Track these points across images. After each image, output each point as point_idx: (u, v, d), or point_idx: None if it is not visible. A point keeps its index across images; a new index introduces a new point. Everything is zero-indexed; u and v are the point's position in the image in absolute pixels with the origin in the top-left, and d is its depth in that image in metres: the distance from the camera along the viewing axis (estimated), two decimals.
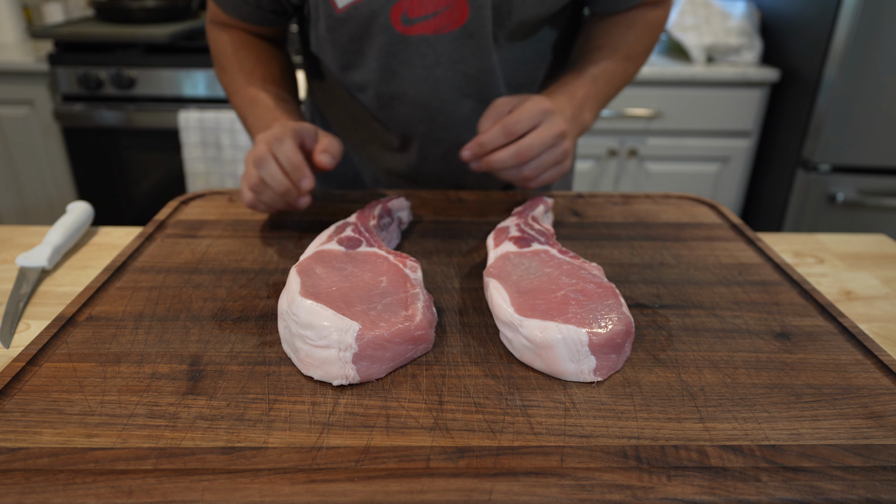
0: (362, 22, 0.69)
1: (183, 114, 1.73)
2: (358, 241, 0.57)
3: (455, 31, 0.69)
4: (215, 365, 0.47)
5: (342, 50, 0.74)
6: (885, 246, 0.76)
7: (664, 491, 0.37)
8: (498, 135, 0.63)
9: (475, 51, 0.72)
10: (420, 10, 0.68)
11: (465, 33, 0.70)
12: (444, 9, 0.68)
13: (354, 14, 0.69)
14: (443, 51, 0.71)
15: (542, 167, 0.65)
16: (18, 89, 1.82)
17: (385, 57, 0.72)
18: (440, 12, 0.68)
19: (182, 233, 0.69)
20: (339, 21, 0.70)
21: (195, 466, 0.38)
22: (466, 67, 0.73)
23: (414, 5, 0.67)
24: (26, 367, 0.46)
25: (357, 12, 0.68)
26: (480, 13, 0.68)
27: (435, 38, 0.70)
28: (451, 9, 0.68)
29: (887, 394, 0.46)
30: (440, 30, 0.69)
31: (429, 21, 0.69)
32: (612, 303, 0.49)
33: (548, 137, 0.63)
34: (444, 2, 0.67)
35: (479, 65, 0.73)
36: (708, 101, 1.83)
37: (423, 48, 0.71)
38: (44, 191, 1.96)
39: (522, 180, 0.66)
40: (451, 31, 0.69)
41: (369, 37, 0.71)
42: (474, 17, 0.68)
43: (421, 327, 0.47)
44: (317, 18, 0.73)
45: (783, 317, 0.55)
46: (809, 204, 1.75)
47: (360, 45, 0.72)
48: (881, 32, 1.54)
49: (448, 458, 0.39)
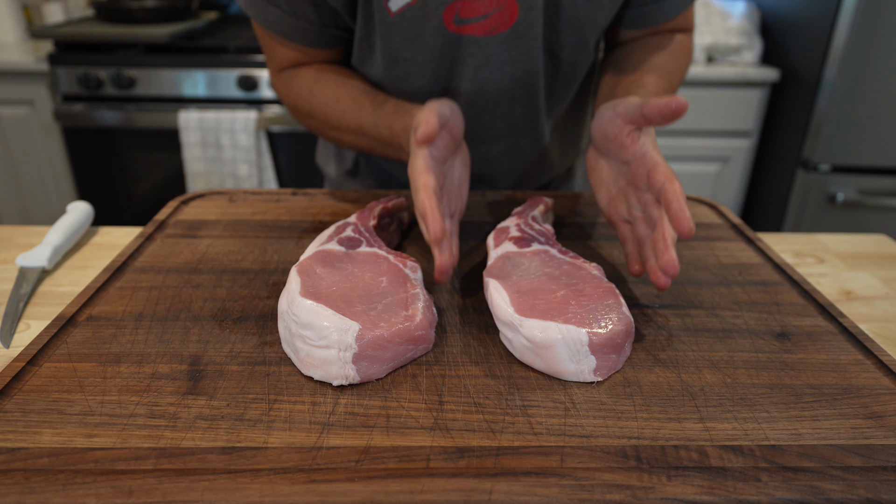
0: (416, 24, 0.67)
1: (183, 114, 1.73)
2: (358, 241, 0.57)
3: (504, 32, 0.69)
4: (215, 365, 0.47)
5: (393, 58, 0.71)
6: (885, 246, 0.76)
7: (664, 491, 0.37)
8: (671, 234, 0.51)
9: (523, 52, 0.71)
10: (473, 11, 0.67)
11: (514, 34, 0.69)
12: (495, 10, 0.67)
13: (409, 16, 0.67)
14: (491, 52, 0.70)
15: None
16: (18, 89, 1.82)
17: (439, 58, 0.71)
18: (492, 13, 0.67)
19: (182, 233, 0.69)
20: (392, 26, 0.68)
21: (195, 466, 0.38)
22: (513, 69, 0.72)
23: (467, 6, 0.66)
24: (26, 367, 0.46)
25: (412, 13, 0.67)
26: (531, 14, 0.67)
27: (484, 40, 0.69)
28: (502, 10, 0.67)
29: (887, 394, 0.46)
30: (491, 31, 0.68)
31: (480, 22, 0.68)
32: (612, 303, 0.49)
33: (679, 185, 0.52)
34: (497, 3, 0.66)
35: (526, 67, 0.72)
36: (708, 101, 1.83)
37: (472, 48, 0.70)
38: (44, 191, 1.96)
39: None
40: (501, 32, 0.69)
41: (423, 40, 0.69)
42: (524, 17, 0.68)
43: (421, 327, 0.47)
44: (367, 29, 0.70)
45: (783, 317, 0.55)
46: (809, 204, 1.75)
47: (412, 51, 0.70)
48: (881, 32, 1.54)
49: (448, 458, 0.39)
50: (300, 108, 0.76)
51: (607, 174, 0.60)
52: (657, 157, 0.53)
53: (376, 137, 0.70)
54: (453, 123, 0.60)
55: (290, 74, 0.77)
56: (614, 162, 0.59)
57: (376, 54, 0.72)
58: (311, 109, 0.75)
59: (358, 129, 0.71)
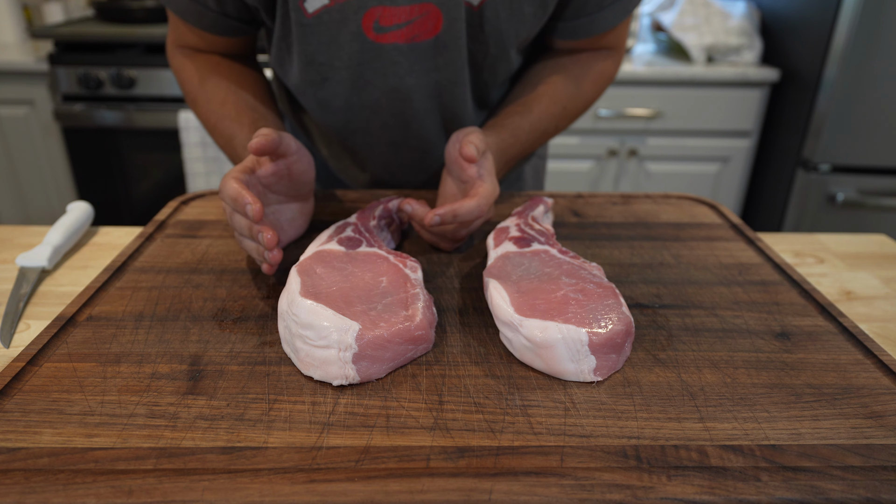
0: (333, 27, 0.67)
1: (183, 114, 1.73)
2: (358, 241, 0.57)
3: (428, 40, 0.68)
4: (215, 365, 0.47)
5: (309, 61, 0.70)
6: (885, 246, 0.76)
7: (664, 491, 0.37)
8: (452, 219, 0.61)
9: (448, 62, 0.71)
10: (393, 19, 0.66)
11: (438, 43, 0.69)
12: (417, 17, 0.66)
13: (326, 19, 0.66)
14: (415, 59, 0.70)
15: (457, 240, 0.66)
16: (18, 89, 1.82)
17: (357, 66, 0.70)
18: (413, 21, 0.67)
19: (182, 233, 0.69)
20: (308, 28, 0.67)
21: (195, 466, 0.38)
22: (439, 77, 0.72)
23: (387, 13, 0.66)
24: (26, 367, 0.46)
25: (329, 16, 0.66)
26: (454, 25, 0.67)
27: (408, 48, 0.69)
28: (424, 18, 0.66)
29: (887, 394, 0.46)
30: (413, 39, 0.68)
31: (402, 30, 0.67)
32: (612, 303, 0.49)
33: (480, 222, 0.64)
34: (418, 11, 0.66)
35: (452, 77, 0.72)
36: (708, 101, 1.83)
37: (395, 56, 0.69)
38: (44, 191, 1.96)
39: (440, 245, 0.67)
40: (425, 40, 0.68)
41: (339, 45, 0.69)
42: (448, 28, 0.67)
43: (421, 327, 0.47)
44: (285, 29, 0.70)
45: (783, 317, 0.55)
46: (809, 204, 1.75)
47: (329, 54, 0.69)
48: (881, 32, 1.54)
49: (448, 457, 0.39)
50: (188, 92, 0.77)
51: (449, 189, 0.68)
52: (484, 183, 0.62)
53: (240, 156, 0.69)
54: (295, 161, 0.61)
55: (187, 56, 0.76)
56: (456, 181, 0.67)
57: (293, 56, 0.72)
58: (196, 99, 0.75)
59: (229, 139, 0.71)
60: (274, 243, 0.53)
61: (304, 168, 0.63)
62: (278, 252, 0.54)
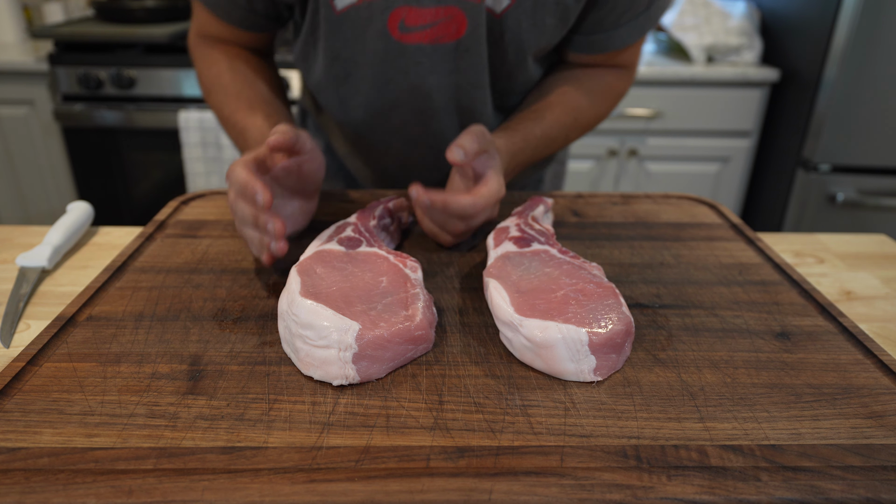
0: (360, 25, 0.69)
1: (183, 114, 1.73)
2: (358, 241, 0.57)
3: (451, 43, 0.70)
4: (215, 365, 0.47)
5: (334, 56, 0.72)
6: (885, 246, 0.76)
7: (664, 491, 0.37)
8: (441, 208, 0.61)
9: (469, 66, 0.72)
10: (418, 20, 0.68)
11: (461, 47, 0.70)
12: (442, 20, 0.68)
13: (353, 16, 0.68)
14: (438, 60, 0.71)
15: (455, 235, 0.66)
16: (18, 89, 1.82)
17: (380, 63, 0.72)
18: (438, 23, 0.68)
19: (182, 233, 0.69)
20: (335, 23, 0.69)
21: (195, 466, 0.38)
22: (460, 79, 0.74)
23: (413, 14, 0.67)
24: (26, 367, 0.46)
25: (356, 14, 0.68)
26: (477, 30, 0.69)
27: (431, 48, 0.70)
28: (449, 21, 0.68)
29: (887, 394, 0.46)
30: (437, 40, 0.69)
31: (427, 31, 0.69)
32: (612, 303, 0.49)
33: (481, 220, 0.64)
34: (443, 14, 0.67)
35: (473, 80, 0.74)
36: (708, 101, 1.83)
37: (418, 56, 0.71)
38: (44, 191, 1.96)
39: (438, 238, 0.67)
40: (448, 42, 0.70)
41: (365, 42, 0.70)
42: (471, 32, 0.69)
43: (421, 327, 0.47)
44: (313, 24, 0.71)
45: (783, 317, 0.55)
46: (809, 204, 1.75)
47: (353, 51, 0.71)
48: (881, 32, 1.54)
49: (448, 457, 0.39)
50: (204, 82, 0.78)
51: (456, 186, 0.68)
52: (487, 182, 0.62)
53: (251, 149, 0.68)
54: (307, 159, 0.62)
55: (210, 47, 0.77)
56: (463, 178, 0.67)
57: (318, 51, 0.73)
58: (212, 90, 0.76)
59: (241, 131, 0.71)
60: (282, 233, 0.53)
61: (315, 168, 0.64)
62: (284, 243, 0.53)
